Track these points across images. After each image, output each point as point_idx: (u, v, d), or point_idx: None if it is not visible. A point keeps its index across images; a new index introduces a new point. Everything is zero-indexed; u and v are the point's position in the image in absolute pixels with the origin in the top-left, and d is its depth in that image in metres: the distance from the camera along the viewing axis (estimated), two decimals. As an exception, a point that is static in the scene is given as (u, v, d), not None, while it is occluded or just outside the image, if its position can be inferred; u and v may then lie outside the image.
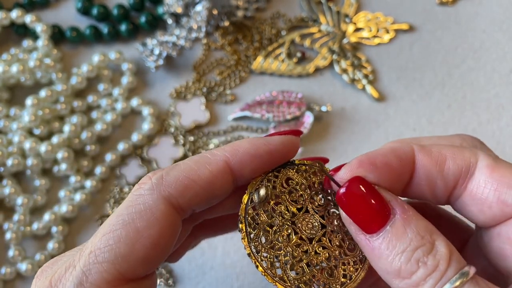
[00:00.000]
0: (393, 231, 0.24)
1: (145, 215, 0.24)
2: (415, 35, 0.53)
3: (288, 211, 0.27)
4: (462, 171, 0.26)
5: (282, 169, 0.27)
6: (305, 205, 0.27)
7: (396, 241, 0.24)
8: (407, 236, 0.23)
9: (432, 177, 0.26)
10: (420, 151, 0.26)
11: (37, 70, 0.48)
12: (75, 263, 0.24)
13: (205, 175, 0.25)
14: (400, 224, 0.24)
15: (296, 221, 0.26)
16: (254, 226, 0.26)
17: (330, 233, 0.27)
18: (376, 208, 0.24)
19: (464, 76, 0.51)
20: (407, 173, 0.26)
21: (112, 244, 0.23)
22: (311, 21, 0.54)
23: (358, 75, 0.51)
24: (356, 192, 0.25)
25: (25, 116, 0.46)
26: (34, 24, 0.50)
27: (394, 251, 0.24)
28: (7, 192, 0.45)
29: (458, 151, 0.26)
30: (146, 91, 0.51)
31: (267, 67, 0.51)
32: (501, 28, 0.53)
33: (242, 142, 0.26)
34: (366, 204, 0.25)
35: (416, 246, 0.23)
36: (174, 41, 0.50)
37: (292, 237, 0.26)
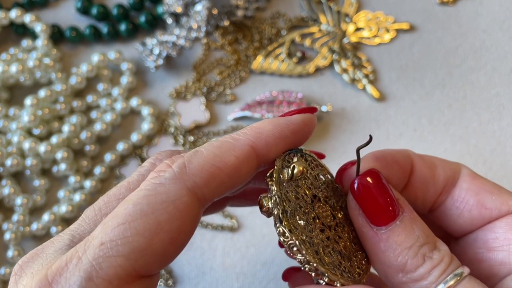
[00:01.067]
0: (402, 226, 0.25)
1: (167, 207, 0.21)
2: (415, 35, 0.53)
3: (307, 196, 0.26)
4: (449, 178, 0.29)
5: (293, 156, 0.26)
6: (317, 193, 0.26)
7: (405, 236, 0.24)
8: (415, 233, 0.25)
9: (426, 181, 0.28)
10: (416, 156, 0.29)
11: (37, 70, 0.48)
12: (80, 254, 0.21)
13: (231, 162, 0.23)
14: (408, 221, 0.25)
15: (315, 207, 0.26)
16: (288, 205, 0.24)
17: (340, 224, 0.27)
18: (388, 203, 0.25)
19: (465, 76, 0.51)
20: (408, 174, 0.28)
21: (128, 236, 0.20)
22: (311, 20, 0.54)
23: (359, 75, 0.51)
24: (372, 184, 0.26)
25: (25, 116, 0.46)
26: (34, 24, 0.50)
27: (402, 245, 0.24)
28: (7, 192, 0.45)
29: (444, 161, 0.30)
30: (146, 91, 0.51)
31: (267, 67, 0.51)
32: (502, 28, 0.53)
33: (263, 124, 0.25)
34: (380, 196, 0.25)
35: (422, 242, 0.24)
36: (174, 41, 0.50)
37: (317, 221, 0.25)
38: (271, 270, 0.44)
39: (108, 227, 0.21)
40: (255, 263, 0.44)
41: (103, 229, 0.21)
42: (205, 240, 0.45)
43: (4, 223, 0.45)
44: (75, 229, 0.24)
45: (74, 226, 0.24)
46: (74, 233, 0.23)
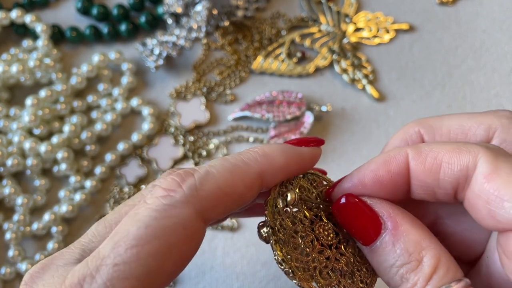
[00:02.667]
0: (382, 246, 0.24)
1: (178, 231, 0.22)
2: (415, 35, 0.53)
3: (307, 218, 0.26)
4: (458, 180, 0.24)
5: (294, 177, 0.27)
6: (318, 213, 0.27)
7: (385, 255, 0.24)
8: (395, 252, 0.24)
9: (427, 186, 0.25)
10: (414, 158, 0.25)
11: (37, 70, 0.48)
12: (93, 273, 0.21)
13: (239, 190, 0.24)
14: (389, 240, 0.24)
15: (315, 228, 0.26)
16: (283, 233, 0.25)
17: (343, 241, 0.27)
18: (366, 223, 0.25)
19: (464, 76, 0.51)
20: (403, 184, 0.26)
21: (141, 259, 0.21)
22: (311, 21, 0.54)
23: (358, 75, 0.51)
24: (346, 208, 0.26)
25: (25, 116, 0.46)
26: (34, 24, 0.50)
27: (384, 264, 0.24)
28: (7, 192, 0.45)
29: (455, 155, 0.24)
30: (146, 91, 0.51)
31: (267, 67, 0.51)
32: (502, 28, 0.53)
33: (275, 152, 0.25)
34: (356, 219, 0.25)
35: (402, 263, 0.24)
36: (174, 41, 0.50)
37: (315, 244, 0.26)
38: (271, 270, 0.44)
39: (121, 248, 0.21)
40: (255, 263, 0.44)
41: (116, 249, 0.21)
42: (205, 240, 0.45)
43: (4, 223, 0.45)
44: (86, 244, 0.24)
45: (85, 241, 0.24)
46: (85, 248, 0.24)
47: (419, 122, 0.28)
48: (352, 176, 0.26)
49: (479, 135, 0.26)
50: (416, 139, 0.28)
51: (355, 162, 0.47)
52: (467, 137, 0.26)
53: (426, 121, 0.28)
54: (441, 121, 0.27)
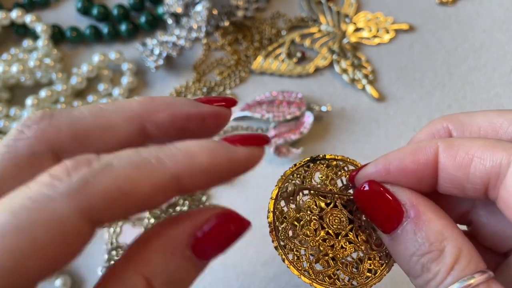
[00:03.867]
0: (403, 235, 0.24)
1: (51, 229, 0.18)
2: (415, 35, 0.53)
3: (317, 206, 0.27)
4: (489, 176, 0.23)
5: (312, 164, 0.28)
6: (333, 200, 0.27)
7: (406, 244, 0.24)
8: (417, 241, 0.24)
9: (456, 181, 0.24)
10: (445, 151, 0.24)
11: (37, 70, 0.48)
12: None
13: (144, 191, 0.19)
14: (411, 228, 0.24)
15: (324, 215, 0.27)
16: (282, 220, 0.26)
17: (357, 228, 0.27)
18: (388, 211, 0.25)
19: (465, 76, 0.51)
20: (429, 176, 0.25)
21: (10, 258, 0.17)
22: (311, 21, 0.54)
23: (358, 75, 0.51)
24: (369, 195, 0.25)
25: (25, 116, 0.46)
26: (34, 24, 0.50)
27: (405, 253, 0.24)
28: (7, 192, 0.45)
29: (488, 151, 0.23)
30: (146, 91, 0.51)
31: (267, 67, 0.51)
32: (502, 28, 0.53)
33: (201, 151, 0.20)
34: (378, 206, 0.25)
35: (423, 252, 0.24)
36: (174, 41, 0.50)
37: (319, 232, 0.26)
38: (271, 270, 0.44)
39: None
40: (255, 263, 0.44)
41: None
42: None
43: (5, 223, 0.45)
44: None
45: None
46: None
47: (448, 118, 0.27)
48: (377, 162, 0.26)
49: (511, 133, 0.25)
50: (444, 134, 0.27)
51: (355, 162, 0.47)
52: (498, 135, 0.26)
53: (456, 117, 0.27)
54: (471, 118, 0.27)
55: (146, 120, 0.23)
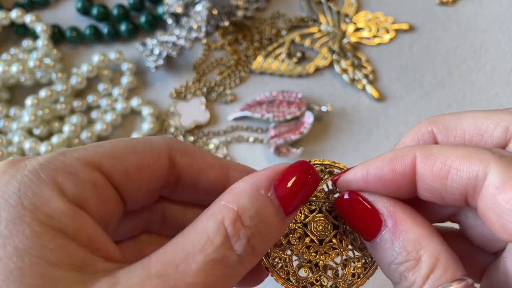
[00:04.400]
0: (381, 244, 0.25)
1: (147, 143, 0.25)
2: (415, 35, 0.53)
3: (301, 213, 0.27)
4: (467, 187, 0.23)
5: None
6: (318, 206, 0.27)
7: (384, 253, 0.25)
8: (394, 250, 0.24)
9: (434, 190, 0.24)
10: (422, 161, 0.24)
11: (37, 70, 0.48)
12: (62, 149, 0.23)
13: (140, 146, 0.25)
14: (389, 238, 0.25)
15: (308, 223, 0.27)
16: None
17: (341, 234, 0.27)
18: (367, 220, 0.25)
19: (464, 76, 0.51)
20: (407, 185, 0.25)
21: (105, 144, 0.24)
22: (311, 21, 0.54)
23: (358, 75, 0.51)
24: (348, 204, 0.26)
25: (25, 116, 0.46)
26: (34, 24, 0.50)
27: (383, 261, 0.25)
28: (7, 192, 0.45)
29: (465, 162, 0.23)
30: (146, 91, 0.51)
31: (267, 67, 0.51)
32: (501, 28, 0.53)
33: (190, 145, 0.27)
34: (357, 215, 0.26)
35: (400, 261, 0.24)
36: (174, 41, 0.50)
37: (302, 239, 0.27)
38: (271, 269, 0.44)
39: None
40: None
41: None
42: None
43: (4, 223, 0.45)
44: None
45: None
46: None
47: (433, 121, 0.27)
48: (356, 170, 0.26)
49: (496, 137, 0.25)
50: (428, 139, 0.27)
51: (355, 162, 0.47)
52: (483, 139, 0.25)
53: (440, 120, 0.27)
54: (456, 121, 0.26)
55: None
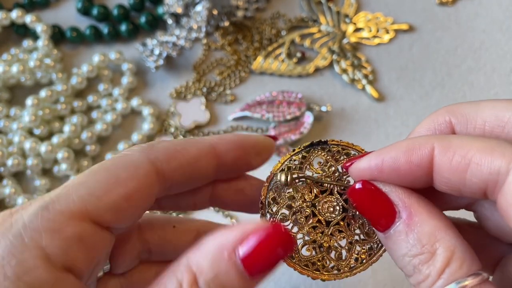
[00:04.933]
0: (395, 235, 0.24)
1: (129, 167, 0.24)
2: (415, 35, 0.53)
3: (311, 193, 0.27)
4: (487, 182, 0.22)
5: (312, 149, 0.27)
6: (329, 187, 0.27)
7: (398, 244, 0.24)
8: (408, 241, 0.24)
9: (452, 184, 0.23)
10: (441, 153, 0.23)
11: (37, 70, 0.48)
12: (46, 195, 0.23)
13: (192, 151, 0.27)
14: (403, 229, 0.24)
15: (317, 203, 0.27)
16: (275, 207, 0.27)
17: (350, 218, 0.27)
18: (381, 211, 0.25)
19: (464, 76, 0.51)
20: (423, 176, 0.24)
21: (87, 182, 0.23)
22: (311, 21, 0.54)
23: (358, 75, 0.51)
24: (362, 194, 0.25)
25: (25, 116, 0.46)
26: (34, 24, 0.50)
27: (397, 253, 0.24)
28: (7, 192, 0.45)
29: (486, 156, 0.22)
30: (146, 91, 0.51)
31: (267, 67, 0.52)
32: (501, 28, 0.53)
33: (228, 134, 0.29)
34: (371, 206, 0.25)
35: (414, 253, 0.24)
36: (174, 41, 0.50)
37: (309, 219, 0.27)
38: (271, 269, 0.44)
39: (75, 178, 0.24)
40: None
41: (71, 180, 0.25)
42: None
43: (5, 223, 0.45)
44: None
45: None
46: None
47: (451, 110, 0.26)
48: (370, 159, 0.25)
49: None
50: (446, 129, 0.26)
51: (355, 162, 0.47)
52: (504, 131, 0.24)
53: (459, 110, 0.25)
54: (475, 111, 0.25)
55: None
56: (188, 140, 0.28)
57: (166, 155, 0.26)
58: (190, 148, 0.27)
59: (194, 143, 0.27)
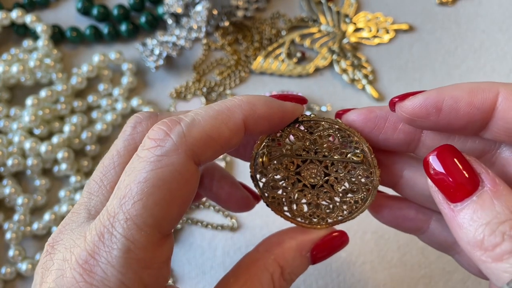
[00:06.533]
0: (479, 202, 0.23)
1: (176, 178, 0.23)
2: (415, 35, 0.53)
3: (293, 164, 0.29)
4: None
5: (286, 127, 0.29)
6: (308, 157, 0.29)
7: (482, 211, 0.23)
8: (494, 208, 0.22)
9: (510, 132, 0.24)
10: (506, 99, 0.23)
11: (37, 70, 0.48)
12: (109, 229, 0.23)
13: (225, 134, 0.25)
14: (488, 196, 0.23)
15: (301, 171, 0.30)
16: (262, 176, 0.30)
17: (333, 180, 0.29)
18: (465, 178, 0.23)
19: (464, 76, 0.51)
20: (479, 121, 0.24)
21: (149, 210, 0.23)
22: (311, 21, 0.54)
23: (358, 75, 0.51)
24: (447, 162, 0.24)
25: (25, 116, 0.46)
26: (34, 24, 0.50)
27: (478, 222, 0.23)
28: (7, 192, 0.45)
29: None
30: (146, 91, 0.51)
31: (267, 67, 0.52)
32: (501, 28, 0.53)
33: (258, 101, 0.26)
34: (455, 173, 0.24)
35: (503, 219, 0.22)
36: (174, 41, 0.50)
37: (296, 184, 0.30)
38: (271, 269, 0.44)
39: (128, 203, 0.23)
40: (255, 262, 0.44)
41: (123, 205, 0.23)
42: (205, 240, 0.45)
43: (5, 223, 0.45)
44: (86, 203, 0.26)
45: (85, 200, 0.26)
46: (89, 206, 0.26)
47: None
48: (429, 94, 0.25)
49: None
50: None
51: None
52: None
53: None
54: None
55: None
56: (218, 117, 0.25)
57: (202, 147, 0.24)
58: (222, 131, 0.25)
59: (226, 122, 0.25)
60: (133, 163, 0.24)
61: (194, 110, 0.26)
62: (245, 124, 0.26)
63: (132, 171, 0.24)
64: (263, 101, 0.26)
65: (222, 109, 0.25)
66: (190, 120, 0.24)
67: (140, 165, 0.23)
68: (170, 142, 0.24)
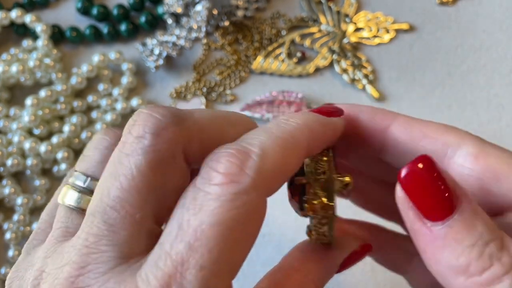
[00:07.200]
0: (461, 220, 0.21)
1: (253, 217, 0.21)
2: (415, 35, 0.53)
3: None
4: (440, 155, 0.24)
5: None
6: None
7: (466, 233, 0.20)
8: (477, 228, 0.20)
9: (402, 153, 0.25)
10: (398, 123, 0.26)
11: (37, 70, 0.48)
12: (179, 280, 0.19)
13: (292, 166, 0.23)
14: (468, 214, 0.21)
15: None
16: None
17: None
18: (444, 194, 0.21)
19: (464, 76, 0.51)
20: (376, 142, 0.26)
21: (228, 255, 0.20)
22: (311, 21, 0.54)
23: (358, 75, 0.51)
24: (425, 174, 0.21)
25: (25, 116, 0.46)
26: (34, 24, 0.50)
27: (463, 244, 0.20)
28: (7, 192, 0.45)
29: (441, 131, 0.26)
30: (146, 91, 0.51)
31: (267, 67, 0.51)
32: (502, 28, 0.53)
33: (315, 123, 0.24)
34: (434, 188, 0.21)
35: (487, 240, 0.20)
36: (174, 41, 0.50)
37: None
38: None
39: (202, 249, 0.19)
40: (255, 263, 0.44)
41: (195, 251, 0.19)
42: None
43: (4, 223, 0.45)
44: (109, 238, 0.20)
45: (105, 234, 0.20)
46: (116, 243, 0.20)
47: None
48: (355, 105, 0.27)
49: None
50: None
51: (355, 162, 0.47)
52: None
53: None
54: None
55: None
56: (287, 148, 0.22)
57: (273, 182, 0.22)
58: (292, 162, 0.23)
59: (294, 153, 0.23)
60: (198, 199, 0.20)
61: (255, 135, 0.22)
62: (307, 151, 0.24)
63: (200, 210, 0.20)
64: (319, 123, 0.24)
65: (287, 137, 0.22)
66: (261, 151, 0.21)
67: (211, 204, 0.20)
68: (247, 178, 0.20)
